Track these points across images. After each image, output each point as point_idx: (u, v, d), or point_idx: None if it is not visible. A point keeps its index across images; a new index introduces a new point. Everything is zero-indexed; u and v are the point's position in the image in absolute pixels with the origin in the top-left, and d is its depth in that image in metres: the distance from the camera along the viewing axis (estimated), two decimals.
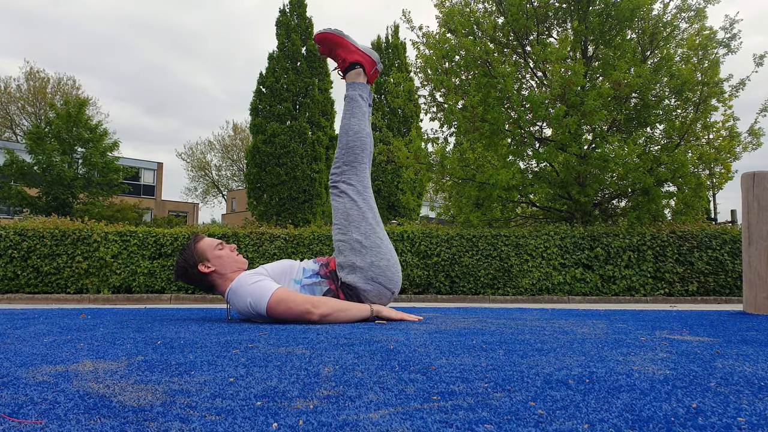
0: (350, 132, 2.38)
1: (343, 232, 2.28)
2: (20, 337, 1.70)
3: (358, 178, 2.36)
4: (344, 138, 2.39)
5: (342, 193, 2.34)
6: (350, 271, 2.22)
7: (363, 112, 2.42)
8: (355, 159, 2.36)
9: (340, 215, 2.32)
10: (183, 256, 2.26)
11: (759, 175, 2.86)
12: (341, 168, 2.37)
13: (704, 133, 9.02)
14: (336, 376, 1.07)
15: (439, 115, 9.68)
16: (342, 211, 2.32)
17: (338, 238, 2.29)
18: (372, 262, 2.22)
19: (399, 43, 23.46)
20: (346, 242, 2.26)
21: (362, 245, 2.23)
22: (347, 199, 2.32)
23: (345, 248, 2.25)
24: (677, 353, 1.36)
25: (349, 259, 2.23)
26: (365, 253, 2.22)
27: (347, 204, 2.32)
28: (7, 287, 7.92)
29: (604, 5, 8.64)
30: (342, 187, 2.35)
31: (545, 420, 0.78)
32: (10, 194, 17.74)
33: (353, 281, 2.21)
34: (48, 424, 0.77)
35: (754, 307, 2.81)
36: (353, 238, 2.25)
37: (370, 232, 2.26)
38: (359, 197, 2.33)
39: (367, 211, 2.32)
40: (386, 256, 2.26)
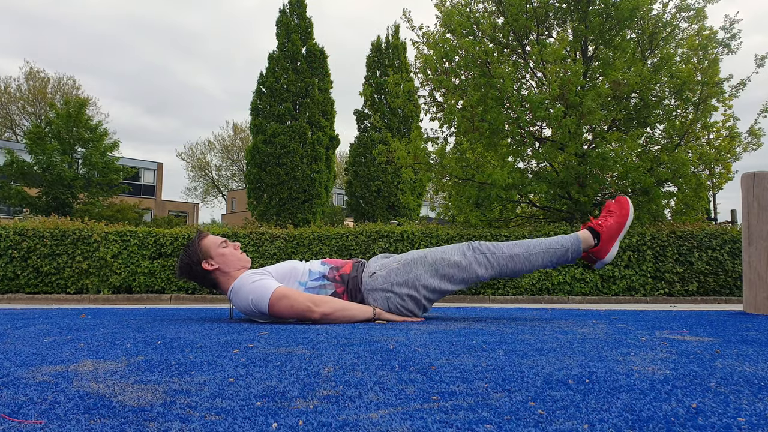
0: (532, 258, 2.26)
1: (422, 262, 2.22)
2: (20, 337, 1.70)
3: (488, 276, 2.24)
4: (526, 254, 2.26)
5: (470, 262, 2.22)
6: (386, 277, 2.20)
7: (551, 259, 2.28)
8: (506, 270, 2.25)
9: (442, 257, 2.23)
10: (187, 253, 2.25)
11: (759, 175, 2.86)
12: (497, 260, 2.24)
13: (704, 133, 9.02)
14: (336, 376, 1.07)
15: (439, 115, 9.68)
16: (447, 258, 2.22)
17: (416, 258, 2.23)
18: (403, 296, 2.18)
19: (399, 43, 23.47)
20: (412, 266, 2.21)
21: (415, 284, 2.18)
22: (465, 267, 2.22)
23: (403, 266, 2.21)
24: (677, 353, 1.36)
25: (398, 273, 2.19)
26: (407, 288, 2.18)
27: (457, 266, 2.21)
28: (7, 287, 7.92)
29: (603, 5, 8.63)
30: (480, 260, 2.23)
31: (545, 420, 0.78)
32: (10, 194, 17.74)
33: (376, 284, 2.19)
34: (48, 424, 0.77)
35: (754, 307, 2.81)
36: (418, 273, 2.19)
37: (429, 288, 2.20)
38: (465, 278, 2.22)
39: (450, 284, 2.22)
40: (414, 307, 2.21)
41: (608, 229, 2.30)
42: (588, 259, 2.34)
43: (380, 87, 22.50)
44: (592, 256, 2.31)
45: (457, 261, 2.21)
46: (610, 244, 2.30)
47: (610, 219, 2.33)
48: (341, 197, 40.42)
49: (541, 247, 2.27)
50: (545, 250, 2.26)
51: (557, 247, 2.27)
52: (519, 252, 2.25)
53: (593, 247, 2.29)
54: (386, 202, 22.23)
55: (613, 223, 2.31)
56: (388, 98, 21.68)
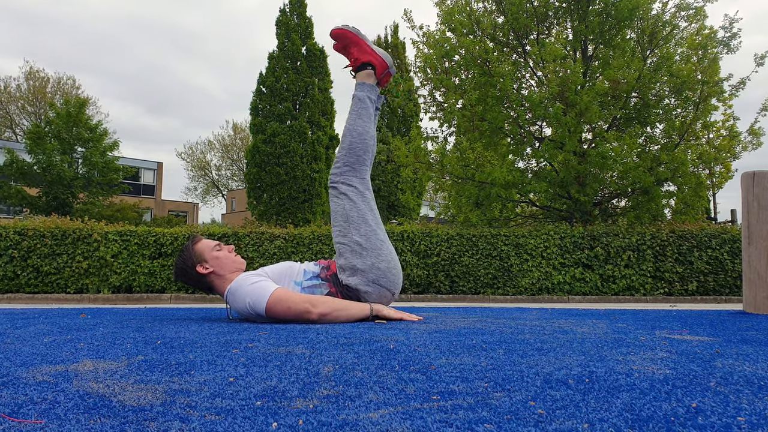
0: (354, 133, 2.36)
1: (342, 234, 2.26)
2: (20, 336, 1.70)
3: (359, 179, 2.33)
4: (347, 138, 2.36)
5: (341, 194, 2.31)
6: (351, 273, 2.21)
7: (369, 114, 2.40)
8: (356, 161, 2.34)
9: (340, 217, 2.30)
10: (182, 258, 2.26)
11: (759, 175, 2.86)
12: (341, 169, 2.34)
13: (704, 133, 9.02)
14: (336, 376, 1.07)
15: (439, 114, 9.69)
16: (341, 213, 2.30)
17: (338, 240, 2.27)
18: (373, 264, 2.20)
19: (399, 42, 23.49)
20: (346, 244, 2.24)
21: (363, 247, 2.22)
22: (347, 200, 2.30)
23: (345, 250, 2.24)
24: (677, 353, 1.36)
25: (349, 261, 2.22)
26: (366, 255, 2.21)
27: (347, 205, 2.29)
28: (7, 287, 7.92)
29: (603, 5, 8.63)
30: (342, 188, 2.32)
31: (545, 419, 0.78)
32: (10, 194, 17.73)
33: (354, 284, 2.20)
34: (48, 423, 0.77)
35: (753, 307, 2.81)
36: (353, 240, 2.23)
37: (370, 234, 2.24)
38: (359, 198, 2.31)
39: (368, 213, 2.29)
40: (387, 258, 2.24)
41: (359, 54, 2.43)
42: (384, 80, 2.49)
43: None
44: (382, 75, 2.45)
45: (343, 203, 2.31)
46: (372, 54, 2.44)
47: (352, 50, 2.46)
48: None
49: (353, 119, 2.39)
50: (358, 116, 2.38)
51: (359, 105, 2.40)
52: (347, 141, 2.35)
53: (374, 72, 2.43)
54: (386, 201, 22.23)
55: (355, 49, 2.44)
56: (389, 97, 21.68)
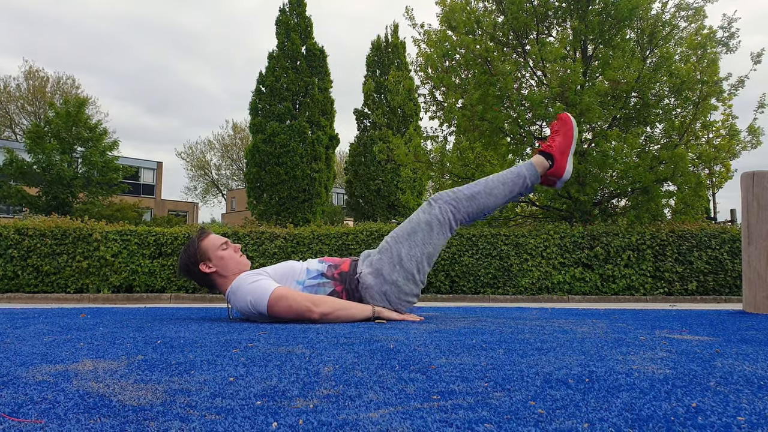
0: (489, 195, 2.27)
1: (397, 240, 2.22)
2: (20, 336, 1.70)
3: (453, 222, 2.26)
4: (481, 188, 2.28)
5: (432, 216, 2.23)
6: (374, 273, 2.18)
7: (512, 190, 2.30)
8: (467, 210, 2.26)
9: (411, 226, 2.23)
10: (186, 253, 2.24)
11: (758, 175, 2.86)
12: (452, 204, 2.25)
13: (704, 133, 9.02)
14: (336, 376, 1.07)
15: (439, 114, 9.69)
16: (414, 225, 2.22)
17: (389, 241, 2.23)
18: (395, 282, 2.17)
19: (398, 42, 23.48)
20: (390, 250, 2.20)
21: (401, 264, 2.17)
22: (430, 223, 2.22)
23: (386, 254, 2.20)
24: (677, 352, 1.36)
25: (382, 264, 2.18)
26: (397, 272, 2.17)
27: (425, 226, 2.21)
28: (7, 287, 7.91)
29: (603, 4, 8.63)
30: (438, 211, 2.23)
31: (545, 419, 0.78)
32: (9, 193, 17.72)
33: (369, 283, 2.17)
34: (48, 423, 0.77)
35: (753, 307, 2.81)
36: (399, 252, 2.18)
37: (416, 261, 2.19)
38: (439, 232, 2.23)
39: (430, 247, 2.22)
40: (411, 288, 2.20)
41: (558, 147, 2.37)
42: (548, 182, 2.40)
43: (380, 86, 22.51)
44: (551, 177, 2.38)
45: (426, 220, 2.23)
46: (564, 159, 2.37)
47: (558, 137, 2.39)
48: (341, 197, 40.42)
49: (500, 180, 2.31)
50: (503, 182, 2.30)
51: (514, 176, 2.31)
52: (479, 190, 2.28)
53: (549, 168, 2.36)
54: (386, 201, 22.23)
55: (561, 141, 2.37)
56: (389, 95, 21.68)
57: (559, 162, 2.36)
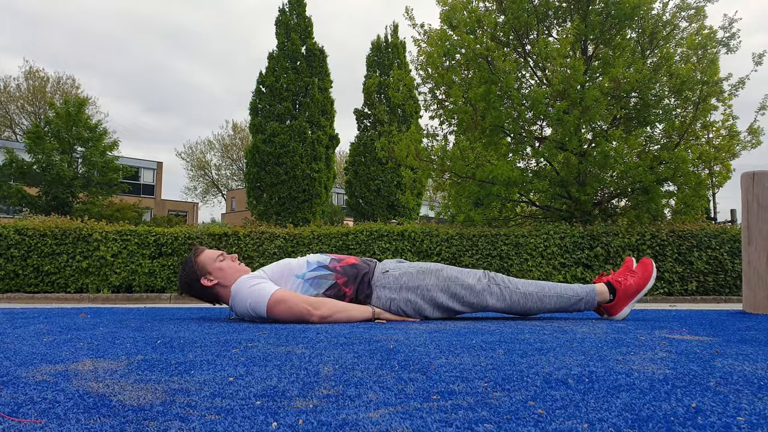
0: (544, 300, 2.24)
1: (436, 275, 2.21)
2: (20, 336, 1.70)
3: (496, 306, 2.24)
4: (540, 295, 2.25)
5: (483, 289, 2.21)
6: (398, 278, 2.19)
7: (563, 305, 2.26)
8: (515, 306, 2.24)
9: (457, 276, 2.22)
10: (185, 272, 2.26)
11: (759, 175, 2.86)
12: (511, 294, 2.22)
13: (704, 133, 9.02)
14: (336, 376, 1.07)
15: (440, 112, 9.69)
16: (461, 279, 2.21)
17: (432, 269, 2.23)
18: (407, 300, 2.18)
19: (398, 42, 23.49)
20: (426, 275, 2.20)
21: (422, 293, 2.18)
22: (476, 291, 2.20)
23: (417, 273, 2.21)
24: (677, 353, 1.36)
25: (410, 277, 2.20)
26: (412, 293, 2.18)
27: (469, 289, 2.20)
28: (7, 286, 7.92)
29: (604, 4, 8.63)
30: (494, 290, 2.21)
31: (545, 419, 0.78)
32: (9, 193, 17.72)
33: (381, 283, 2.19)
34: (48, 423, 0.77)
35: (753, 307, 2.81)
36: (428, 283, 2.19)
37: (435, 303, 2.19)
38: (472, 303, 2.21)
39: (457, 304, 2.21)
40: (414, 313, 2.20)
41: (626, 289, 2.27)
42: (599, 312, 2.35)
43: (381, 86, 22.51)
44: (604, 309, 2.31)
45: (471, 284, 2.20)
46: (625, 303, 2.28)
47: (631, 279, 2.29)
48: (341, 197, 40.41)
49: (556, 291, 2.25)
50: (560, 295, 2.25)
51: (572, 294, 2.25)
52: (533, 291, 2.24)
53: (608, 302, 2.28)
54: (386, 201, 22.23)
55: (633, 284, 2.28)
56: (390, 92, 21.66)
57: (620, 303, 2.28)
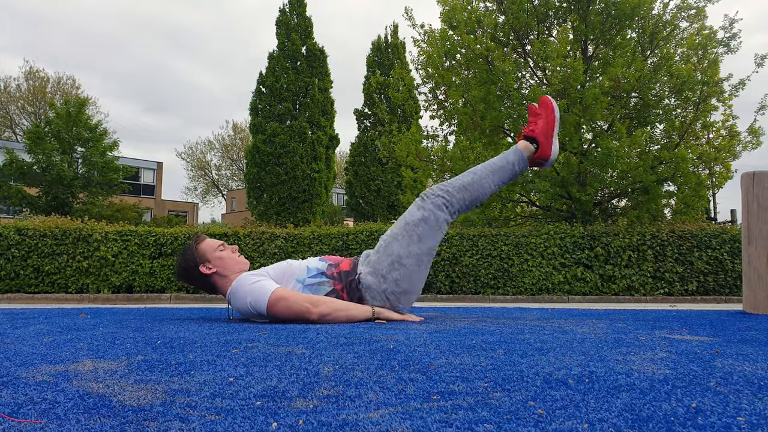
0: (479, 185, 2.28)
1: (394, 237, 2.20)
2: (20, 336, 1.70)
3: (448, 215, 2.25)
4: (470, 177, 2.29)
5: (428, 210, 2.22)
6: (373, 272, 2.17)
7: (502, 177, 2.34)
8: (458, 203, 2.27)
9: (406, 223, 2.21)
10: (184, 257, 2.26)
11: (759, 175, 2.86)
12: (444, 198, 2.24)
13: (704, 133, 9.02)
14: (336, 376, 1.07)
15: (440, 113, 9.69)
16: (410, 222, 2.21)
17: (387, 240, 2.22)
18: (396, 280, 2.16)
19: (399, 42, 23.50)
20: (388, 248, 2.19)
21: (400, 263, 2.16)
22: (426, 219, 2.21)
23: (383, 252, 2.19)
24: (677, 353, 1.36)
25: (380, 262, 2.18)
26: (396, 270, 2.16)
27: (419, 221, 2.20)
28: (7, 287, 7.92)
29: (604, 4, 8.63)
30: (432, 206, 2.22)
31: (545, 419, 0.78)
32: (9, 194, 17.72)
33: (368, 282, 2.17)
34: (48, 423, 0.77)
35: (753, 307, 2.81)
36: (397, 250, 2.17)
37: (414, 257, 2.18)
38: (435, 227, 2.22)
39: (429, 242, 2.21)
40: (412, 286, 2.19)
41: (542, 131, 2.39)
42: (537, 164, 2.45)
43: (381, 86, 22.51)
44: (539, 160, 2.41)
45: (421, 216, 2.23)
46: (549, 142, 2.40)
47: (540, 121, 2.41)
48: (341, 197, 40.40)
49: (489, 169, 2.34)
50: (493, 170, 2.34)
51: (503, 163, 2.35)
52: (469, 180, 2.30)
53: (535, 152, 2.39)
54: (386, 201, 22.22)
55: (544, 124, 2.40)
56: (390, 92, 21.66)
57: (545, 145, 2.39)
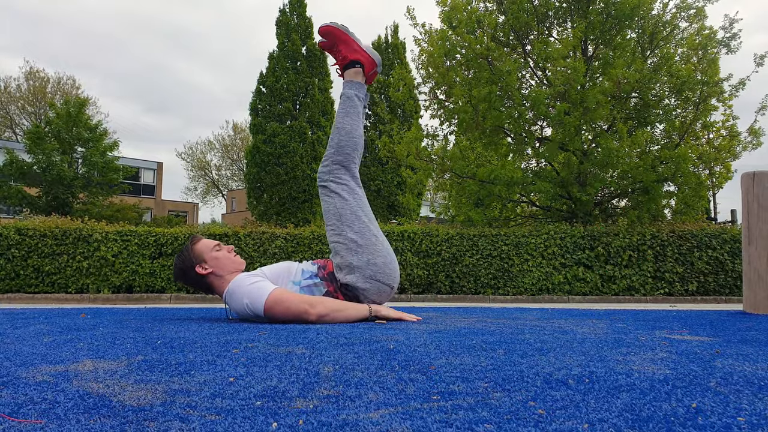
0: (342, 131, 2.37)
1: (336, 232, 2.27)
2: (20, 336, 1.70)
3: (349, 175, 2.35)
4: (336, 137, 2.37)
5: (332, 193, 2.32)
6: (348, 271, 2.21)
7: (357, 111, 2.41)
8: (345, 158, 2.35)
9: (332, 215, 2.30)
10: (181, 258, 2.26)
11: (759, 175, 2.86)
12: (330, 167, 2.35)
13: (704, 133, 9.02)
14: (336, 376, 1.07)
15: (440, 112, 9.69)
16: (333, 212, 2.30)
17: (333, 239, 2.28)
18: (369, 260, 2.20)
19: (399, 42, 23.49)
20: (341, 242, 2.24)
21: (357, 244, 2.22)
22: (338, 198, 2.31)
23: (341, 248, 2.24)
24: (677, 353, 1.36)
25: (346, 259, 2.22)
26: (361, 252, 2.21)
27: (338, 203, 2.30)
28: (8, 287, 7.92)
29: (604, 4, 8.63)
30: (332, 186, 2.33)
31: (545, 420, 0.78)
32: (9, 194, 17.72)
33: (352, 281, 2.20)
34: (48, 423, 0.77)
35: (753, 307, 2.81)
36: (348, 238, 2.23)
37: (364, 230, 2.25)
38: (350, 195, 2.31)
39: (359, 210, 2.30)
40: (382, 253, 2.24)
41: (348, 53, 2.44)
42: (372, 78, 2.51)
43: (382, 85, 22.51)
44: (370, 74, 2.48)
45: (333, 201, 2.31)
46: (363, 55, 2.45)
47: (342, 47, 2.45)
48: None
49: (342, 115, 2.41)
50: (346, 113, 2.41)
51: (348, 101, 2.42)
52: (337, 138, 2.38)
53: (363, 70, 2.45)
54: (386, 202, 22.22)
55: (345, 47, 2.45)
56: (391, 91, 21.65)
57: (363, 60, 2.44)
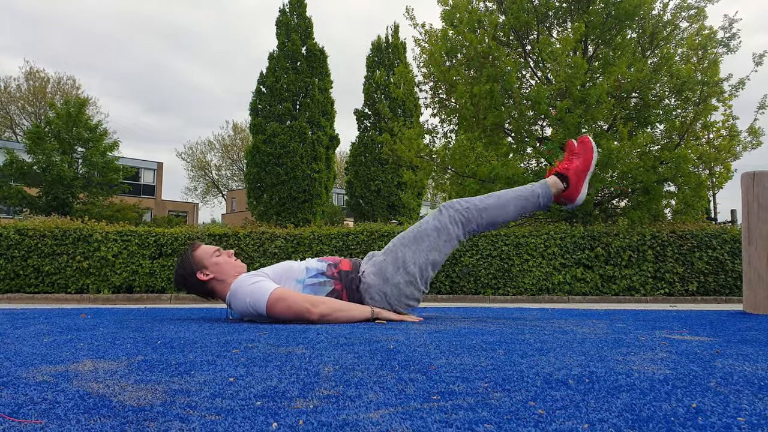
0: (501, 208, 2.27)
1: (404, 244, 2.21)
2: (20, 336, 1.70)
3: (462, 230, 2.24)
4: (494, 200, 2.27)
5: (442, 224, 2.22)
6: (376, 273, 2.18)
7: (524, 206, 2.30)
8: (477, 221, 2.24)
9: (420, 230, 2.22)
10: (181, 266, 2.26)
11: (759, 175, 2.86)
12: (471, 214, 2.24)
13: (704, 133, 9.02)
14: (336, 376, 1.07)
15: (441, 111, 9.69)
16: (425, 230, 2.21)
17: (396, 243, 2.23)
18: (398, 284, 2.17)
19: (399, 42, 23.50)
20: (395, 252, 2.20)
21: (405, 266, 2.17)
22: (439, 230, 2.20)
23: (391, 256, 2.20)
24: (677, 353, 1.36)
25: (386, 266, 2.19)
26: (400, 273, 2.17)
27: (431, 231, 2.20)
28: (8, 287, 7.92)
29: (604, 4, 8.63)
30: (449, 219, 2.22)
31: (545, 420, 0.78)
32: (9, 194, 17.72)
33: (370, 282, 2.17)
34: (48, 423, 0.77)
35: (753, 307, 2.81)
36: (404, 257, 2.18)
37: (419, 264, 2.19)
38: (446, 240, 2.21)
39: (436, 255, 2.21)
40: (413, 290, 2.20)
41: (575, 171, 2.32)
42: (561, 202, 2.37)
43: (381, 85, 22.51)
44: (564, 199, 2.34)
45: (435, 227, 2.22)
46: (580, 184, 2.33)
47: (576, 161, 2.34)
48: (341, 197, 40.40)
49: (513, 195, 2.30)
50: (517, 196, 2.29)
51: (528, 193, 2.30)
52: (492, 203, 2.27)
53: (563, 191, 2.32)
54: (386, 201, 22.23)
55: (579, 165, 2.33)
56: (392, 87, 21.65)
57: (575, 186, 2.31)
